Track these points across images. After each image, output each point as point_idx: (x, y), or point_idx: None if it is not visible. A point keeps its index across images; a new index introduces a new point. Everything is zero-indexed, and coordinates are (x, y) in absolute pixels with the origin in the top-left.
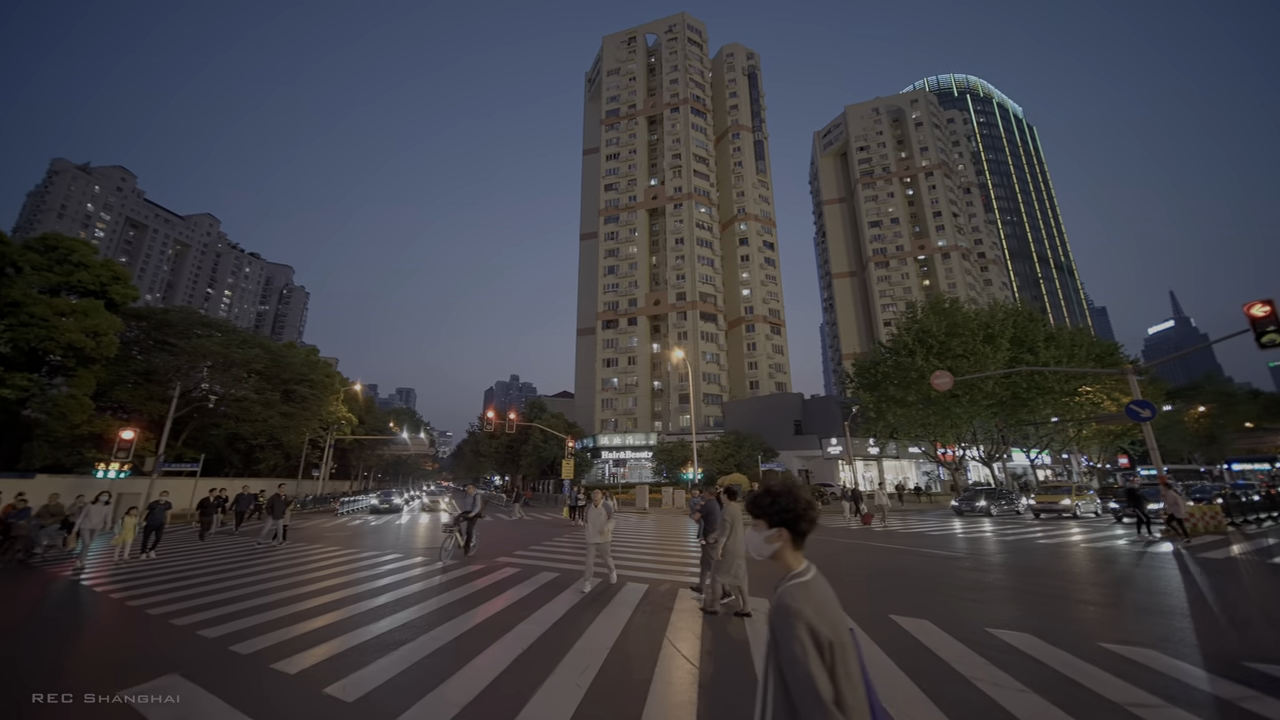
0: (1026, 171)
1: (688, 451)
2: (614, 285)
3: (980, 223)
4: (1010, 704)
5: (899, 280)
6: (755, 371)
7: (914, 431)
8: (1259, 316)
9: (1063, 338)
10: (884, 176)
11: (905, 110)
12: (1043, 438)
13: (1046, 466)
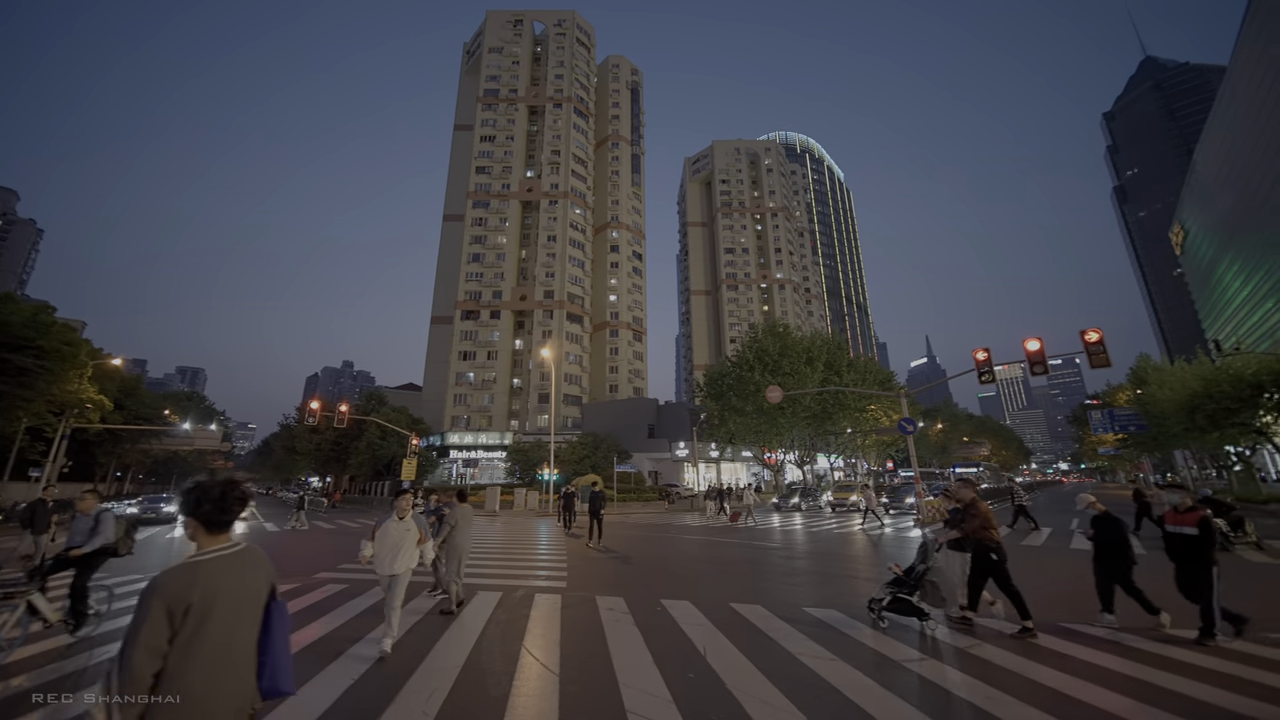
0: (843, 226)
1: (544, 452)
2: (478, 274)
3: (808, 263)
4: (825, 670)
5: (745, 303)
6: (616, 375)
7: (749, 437)
8: (980, 360)
9: (859, 365)
10: (740, 209)
11: (760, 155)
12: (841, 445)
13: (840, 469)
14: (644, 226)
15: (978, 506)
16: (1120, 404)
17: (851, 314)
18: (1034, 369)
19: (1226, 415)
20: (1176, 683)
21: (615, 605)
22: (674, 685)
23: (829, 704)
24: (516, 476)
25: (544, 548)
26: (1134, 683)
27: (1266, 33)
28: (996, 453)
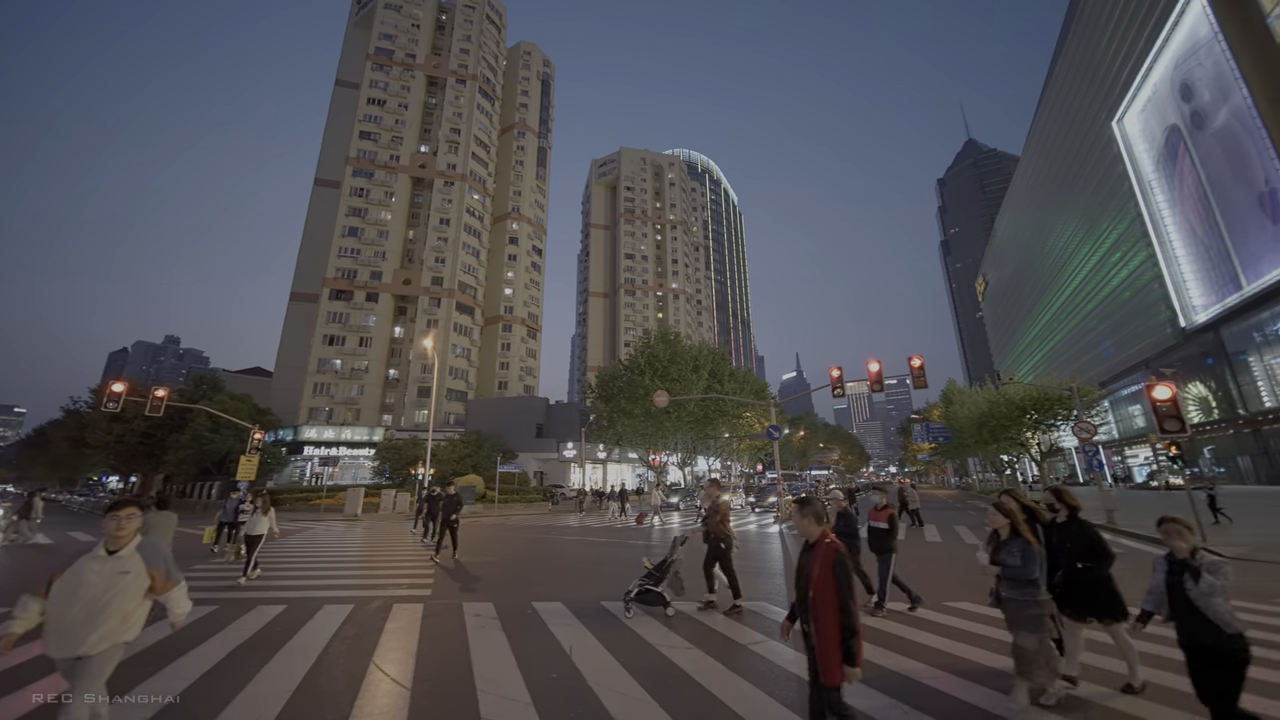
0: (734, 246)
1: (420, 450)
2: (354, 250)
3: (701, 276)
4: (681, 659)
5: (641, 309)
6: (506, 372)
7: (636, 439)
8: (834, 376)
9: (739, 375)
10: (642, 218)
11: (665, 169)
12: (719, 449)
13: (717, 470)
14: (546, 222)
15: (719, 506)
16: (934, 419)
17: (736, 328)
18: (873, 387)
19: (1002, 430)
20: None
21: (483, 611)
22: (536, 687)
23: (682, 690)
24: (386, 477)
25: (409, 553)
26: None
27: (1039, 145)
28: (844, 457)
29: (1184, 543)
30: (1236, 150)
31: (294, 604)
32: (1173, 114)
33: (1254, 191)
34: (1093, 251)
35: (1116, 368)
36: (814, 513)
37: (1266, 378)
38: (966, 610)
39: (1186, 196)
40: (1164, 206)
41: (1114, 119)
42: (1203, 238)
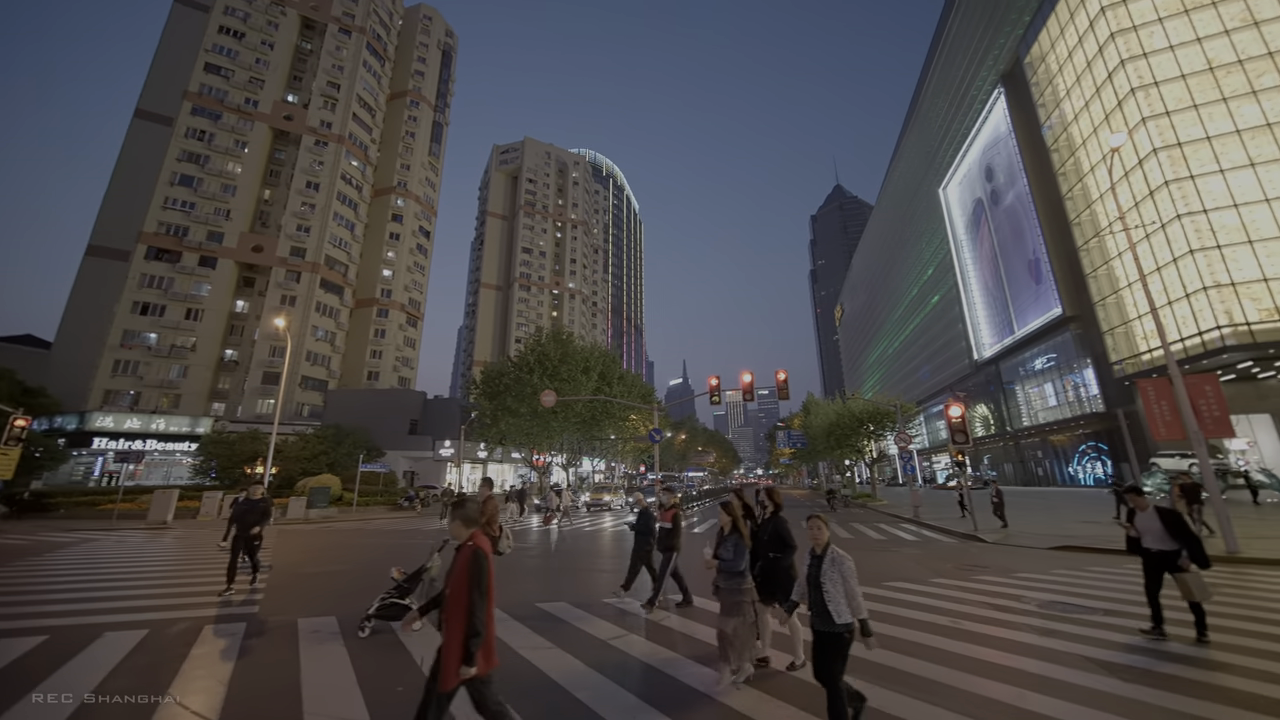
0: (633, 252)
1: (261, 445)
2: (187, 204)
3: (599, 279)
4: (541, 660)
5: (535, 305)
6: (378, 361)
7: (520, 439)
8: (712, 385)
9: (628, 379)
10: (543, 213)
11: (570, 166)
12: (604, 450)
13: (600, 471)
14: (437, 203)
15: (486, 506)
16: (795, 427)
17: (629, 332)
18: (746, 396)
19: (846, 438)
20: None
21: (323, 626)
22: (376, 704)
23: (539, 692)
24: (212, 476)
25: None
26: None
27: (887, 199)
28: (719, 460)
29: (821, 536)
30: (1017, 225)
31: (59, 633)
32: (979, 189)
33: (1025, 259)
34: (919, 292)
35: (930, 389)
36: (463, 516)
37: (1024, 403)
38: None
39: (984, 256)
40: (969, 262)
41: (940, 187)
42: (992, 290)
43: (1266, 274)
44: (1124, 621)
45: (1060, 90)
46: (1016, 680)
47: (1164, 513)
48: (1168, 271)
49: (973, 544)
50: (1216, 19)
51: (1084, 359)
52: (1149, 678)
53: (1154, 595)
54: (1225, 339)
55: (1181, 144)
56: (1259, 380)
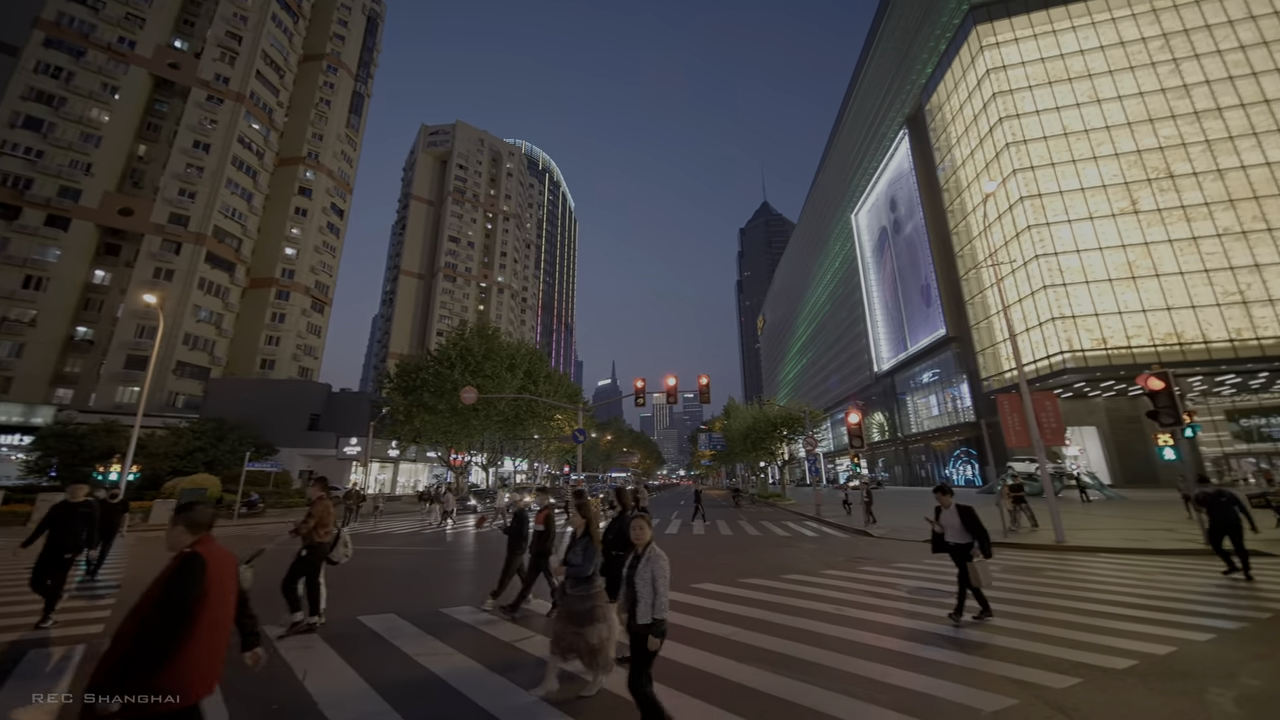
0: (566, 250)
1: (120, 439)
2: (33, 151)
3: (530, 274)
4: (439, 665)
5: (461, 298)
6: (276, 349)
7: (436, 437)
8: (638, 387)
9: (555, 378)
10: (473, 201)
11: (504, 156)
12: (528, 450)
13: (523, 472)
14: (353, 180)
15: (316, 508)
16: (716, 430)
17: (559, 331)
18: (669, 399)
19: (761, 441)
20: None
21: None
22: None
23: (432, 696)
24: (51, 475)
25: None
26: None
27: (807, 220)
28: (643, 461)
29: (642, 536)
30: (914, 253)
31: None
32: (885, 218)
33: (919, 283)
34: (831, 308)
35: (838, 397)
36: (188, 520)
37: (913, 412)
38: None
39: (886, 278)
40: (874, 283)
41: (853, 213)
42: (892, 309)
43: (1097, 309)
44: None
45: (952, 137)
46: (884, 659)
47: (962, 510)
48: (1026, 303)
49: (862, 539)
50: (1070, 93)
51: (961, 375)
52: (984, 649)
53: (964, 582)
54: (1065, 362)
55: (1041, 195)
56: (1089, 398)
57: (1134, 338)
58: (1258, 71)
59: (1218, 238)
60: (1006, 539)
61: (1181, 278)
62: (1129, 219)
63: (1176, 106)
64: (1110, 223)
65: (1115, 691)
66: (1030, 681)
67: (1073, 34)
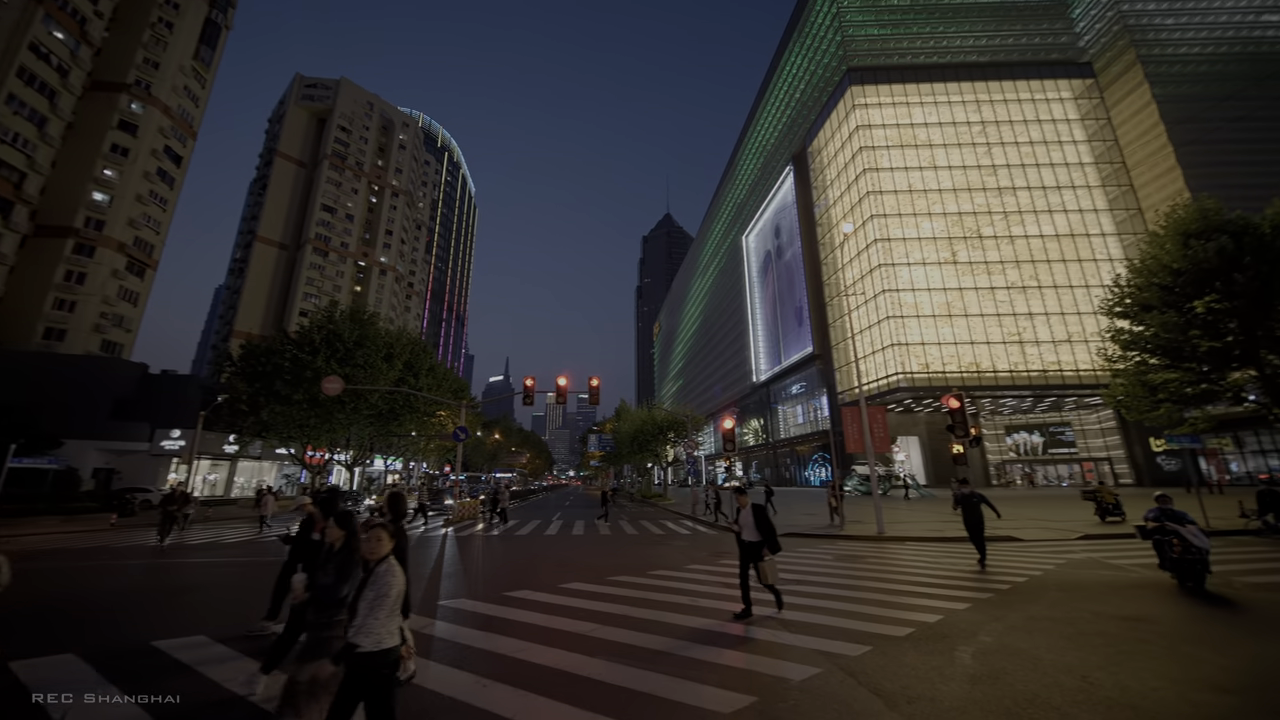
0: (464, 237)
1: None
2: None
3: (419, 258)
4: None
5: (333, 276)
6: (68, 315)
7: (289, 431)
8: (528, 385)
9: (440, 371)
10: (356, 170)
11: (397, 126)
12: (403, 448)
13: (396, 472)
14: (199, 123)
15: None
16: (606, 431)
17: (450, 321)
18: (560, 399)
19: (649, 443)
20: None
21: None
22: None
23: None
24: None
25: None
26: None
27: (704, 237)
28: (532, 461)
29: (378, 549)
30: (791, 278)
31: None
32: (770, 243)
33: (794, 305)
34: (720, 321)
35: (722, 403)
36: None
37: (783, 420)
38: (462, 609)
39: (768, 298)
40: (758, 301)
41: (744, 234)
42: (771, 326)
43: (924, 339)
44: (807, 589)
45: (828, 179)
46: (721, 643)
47: (756, 509)
48: (873, 330)
49: (728, 535)
50: (916, 157)
51: (822, 388)
52: (803, 627)
53: (745, 579)
54: (898, 382)
55: (890, 240)
56: (914, 412)
57: (947, 364)
58: (1040, 164)
59: (1007, 290)
60: (831, 530)
61: (981, 319)
62: (950, 267)
63: (986, 181)
64: (937, 269)
65: (894, 655)
66: (833, 652)
67: (920, 108)
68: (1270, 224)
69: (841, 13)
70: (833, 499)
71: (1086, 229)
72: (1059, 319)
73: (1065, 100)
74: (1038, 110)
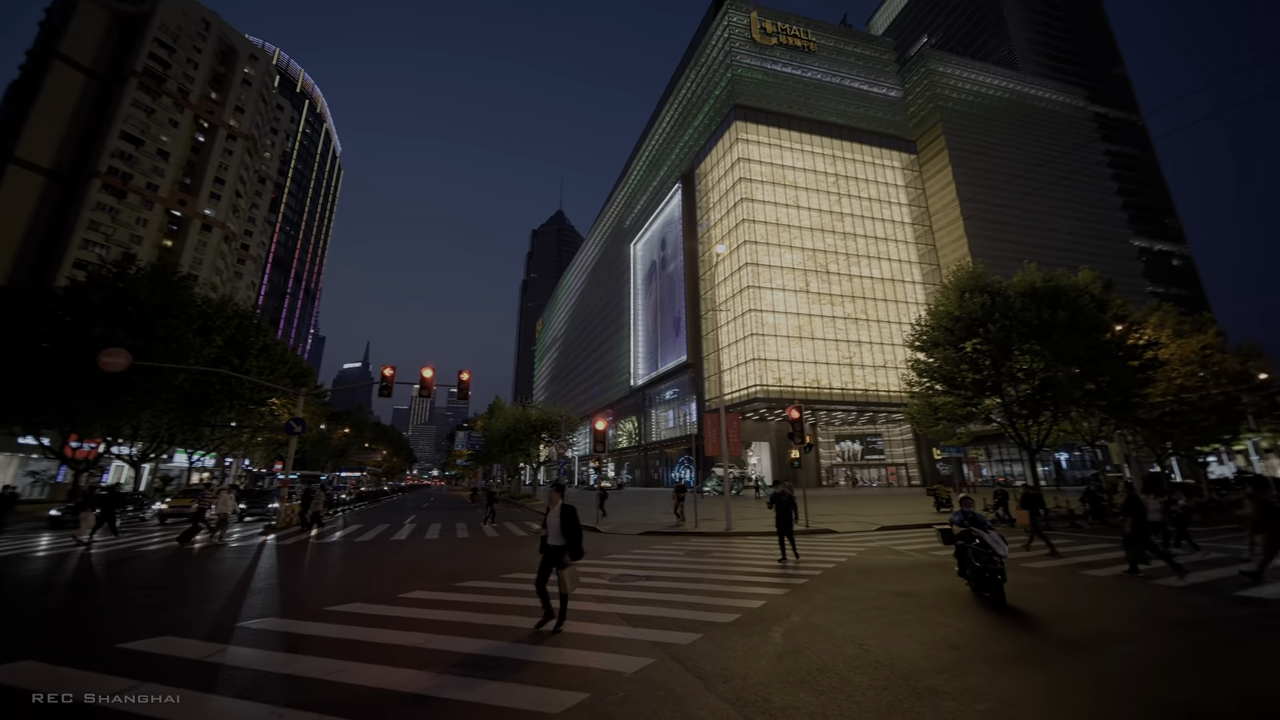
0: (323, 199)
1: None
2: None
3: (261, 217)
4: None
5: (130, 222)
6: None
7: (46, 416)
8: (387, 375)
9: (276, 352)
10: (178, 98)
11: (241, 56)
12: (219, 440)
13: (206, 470)
14: None
15: None
16: (478, 429)
17: (297, 295)
18: (424, 391)
19: (518, 443)
20: None
21: None
22: None
23: None
24: None
25: None
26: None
27: (594, 240)
28: (389, 458)
29: None
30: (672, 288)
31: None
32: (656, 254)
33: (673, 315)
34: (603, 324)
35: (600, 404)
36: None
37: (656, 423)
38: (268, 630)
39: (650, 306)
40: (640, 308)
41: (632, 242)
42: (651, 333)
43: (779, 357)
44: (654, 583)
45: (711, 201)
46: (560, 642)
47: (565, 510)
48: (739, 344)
49: (590, 534)
50: (783, 194)
51: (692, 395)
52: (643, 619)
53: (543, 585)
54: (756, 393)
55: (758, 265)
56: (767, 421)
57: (795, 380)
58: (874, 217)
59: (845, 320)
60: (684, 529)
61: (824, 343)
62: (803, 295)
63: (836, 225)
64: (794, 295)
65: (719, 640)
66: (667, 642)
67: (791, 153)
68: (1015, 289)
69: (733, 52)
70: (675, 500)
71: (903, 276)
72: (880, 348)
73: (896, 168)
74: (876, 173)
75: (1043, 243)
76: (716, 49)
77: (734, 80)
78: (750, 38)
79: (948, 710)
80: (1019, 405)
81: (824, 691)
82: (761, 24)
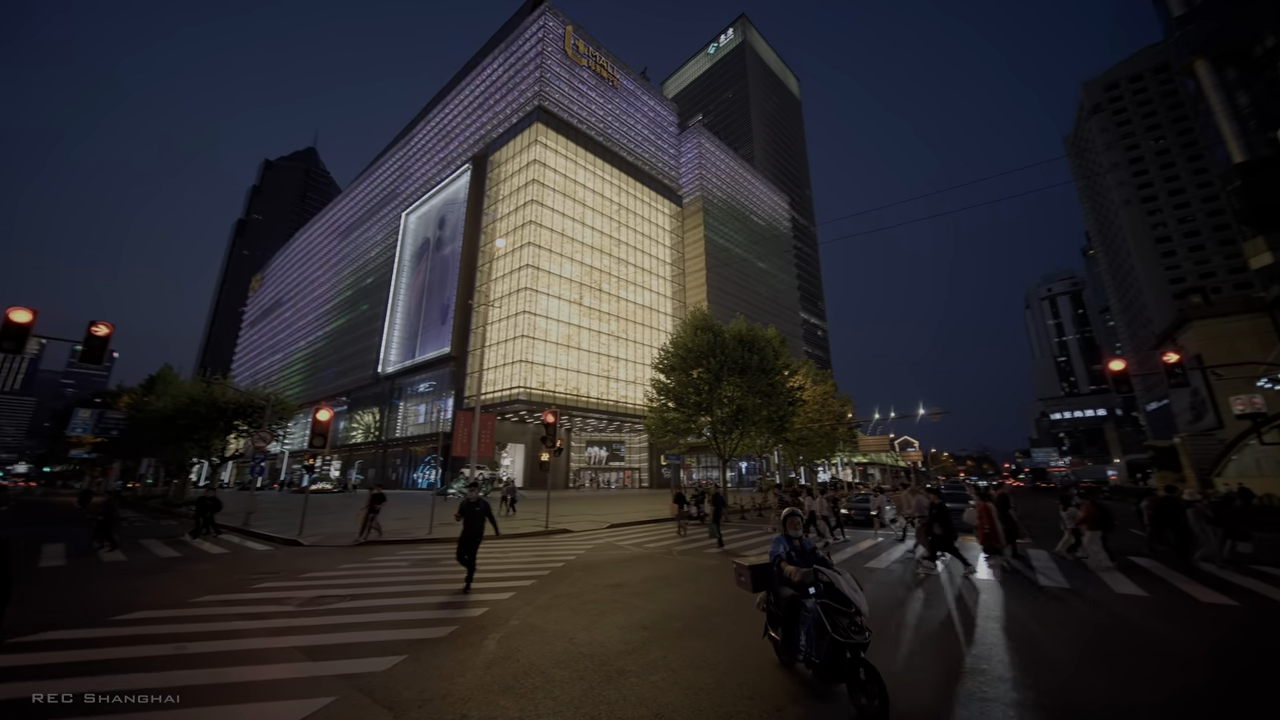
0: None
1: None
2: None
3: None
4: None
5: None
6: None
7: None
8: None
9: None
10: None
11: None
12: None
13: None
14: None
15: None
16: (121, 406)
17: None
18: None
19: (194, 430)
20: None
21: None
22: None
23: None
24: None
25: None
26: None
27: (359, 193)
28: None
29: None
30: (445, 273)
31: None
32: (432, 231)
33: (442, 301)
34: (352, 296)
35: (332, 391)
36: None
37: (403, 417)
38: None
39: (415, 288)
40: (404, 287)
41: (406, 211)
42: (413, 317)
43: (545, 362)
44: (362, 603)
45: (501, 194)
46: (202, 697)
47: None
48: (507, 344)
49: (288, 549)
50: (570, 205)
51: (450, 390)
52: (324, 650)
53: None
54: (518, 395)
55: (538, 268)
56: (526, 423)
57: (558, 385)
58: (644, 250)
59: (608, 336)
60: (419, 535)
61: (589, 354)
62: (576, 307)
63: (612, 249)
64: (568, 305)
65: (426, 658)
66: (356, 673)
67: (583, 171)
68: (729, 333)
69: (545, 54)
70: (362, 515)
71: (658, 307)
72: (633, 365)
73: (665, 214)
74: (651, 213)
75: (750, 301)
76: (529, 44)
77: (542, 81)
78: (563, 49)
79: (629, 687)
80: (721, 424)
81: (526, 694)
82: (575, 41)
